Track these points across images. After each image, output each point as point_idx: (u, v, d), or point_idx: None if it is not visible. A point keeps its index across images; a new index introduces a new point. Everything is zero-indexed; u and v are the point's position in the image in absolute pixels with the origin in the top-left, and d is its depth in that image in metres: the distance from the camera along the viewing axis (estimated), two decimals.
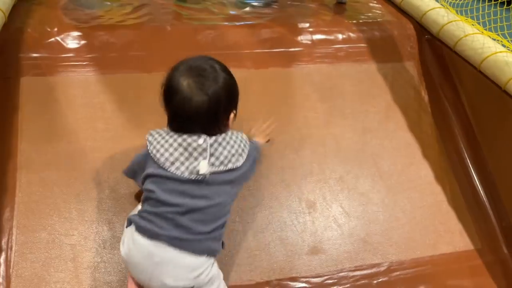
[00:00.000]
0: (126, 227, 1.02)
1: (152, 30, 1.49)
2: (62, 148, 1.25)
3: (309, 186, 1.33)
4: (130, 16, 1.55)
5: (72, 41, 1.40)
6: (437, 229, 1.33)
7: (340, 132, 1.44)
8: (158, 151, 0.98)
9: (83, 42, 1.41)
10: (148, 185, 0.99)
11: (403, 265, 1.25)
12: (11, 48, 1.35)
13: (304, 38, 1.61)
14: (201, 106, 0.96)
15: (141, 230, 0.96)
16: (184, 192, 0.96)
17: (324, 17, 1.72)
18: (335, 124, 1.45)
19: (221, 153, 0.99)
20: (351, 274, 1.22)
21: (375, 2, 1.85)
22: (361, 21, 1.70)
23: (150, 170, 0.99)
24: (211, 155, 0.97)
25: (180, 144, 0.97)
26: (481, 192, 1.43)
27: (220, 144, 0.99)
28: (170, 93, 0.98)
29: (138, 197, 1.19)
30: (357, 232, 1.28)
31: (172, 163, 0.96)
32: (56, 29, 1.42)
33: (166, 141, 0.98)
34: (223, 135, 1.01)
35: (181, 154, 0.97)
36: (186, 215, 0.95)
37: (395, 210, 1.33)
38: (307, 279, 1.19)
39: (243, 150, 1.03)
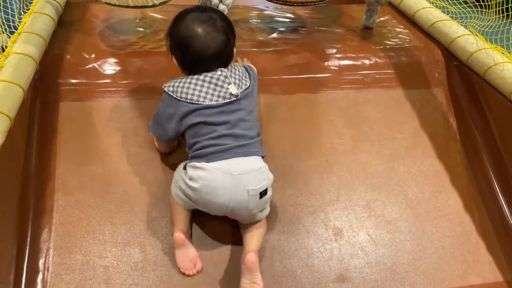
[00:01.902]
0: (184, 168, 1.16)
1: None
2: (97, 171, 1.30)
3: (335, 213, 1.33)
4: (163, 43, 1.59)
5: (108, 67, 1.47)
6: (466, 259, 1.31)
7: (367, 159, 1.44)
8: (187, 93, 1.15)
9: (118, 68, 1.47)
10: (191, 120, 1.14)
11: None
12: (51, 74, 1.42)
13: (331, 64, 1.63)
14: (222, 45, 1.16)
15: (212, 157, 1.11)
16: (224, 111, 1.14)
17: (351, 43, 1.74)
18: (361, 150, 1.46)
19: (235, 78, 1.18)
20: None
21: (402, 27, 1.86)
22: (388, 46, 1.71)
23: (185, 109, 1.14)
24: (233, 81, 1.17)
25: (204, 81, 1.15)
26: (511, 221, 1.40)
27: (231, 71, 1.19)
28: (187, 43, 1.15)
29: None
30: (384, 260, 1.27)
31: (205, 98, 1.14)
32: (93, 56, 1.48)
33: (190, 83, 1.15)
34: (230, 65, 1.21)
35: (209, 87, 1.14)
36: (237, 127, 1.14)
37: (423, 239, 1.32)
38: None
39: (245, 72, 1.24)
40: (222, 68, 1.18)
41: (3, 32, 1.38)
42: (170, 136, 1.22)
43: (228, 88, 1.15)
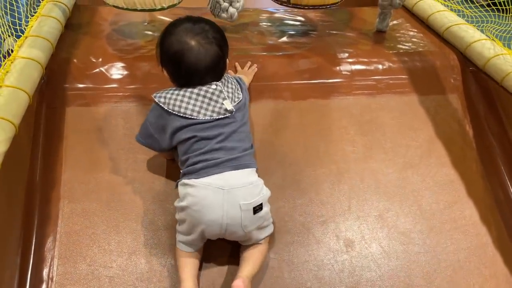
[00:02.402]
0: (176, 187, 1.11)
1: None
2: (103, 178, 1.27)
3: (347, 223, 1.29)
4: None
5: (115, 71, 1.44)
6: (482, 273, 1.26)
7: (380, 167, 1.40)
8: (180, 106, 1.10)
9: (126, 73, 1.45)
10: (183, 135, 1.10)
11: None
12: (57, 79, 1.40)
13: (343, 69, 1.59)
14: (216, 58, 1.12)
15: (202, 173, 1.06)
16: (218, 125, 1.10)
17: (364, 47, 1.70)
18: (374, 158, 1.42)
19: (229, 92, 1.15)
20: None
21: (416, 31, 1.81)
22: (401, 51, 1.67)
23: (177, 123, 1.10)
24: (227, 96, 1.13)
25: (198, 94, 1.11)
26: None
27: (225, 85, 1.15)
28: (180, 56, 1.10)
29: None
30: (397, 273, 1.23)
31: (199, 112, 1.10)
32: (100, 60, 1.46)
33: (183, 96, 1.11)
34: (223, 78, 1.17)
35: (203, 102, 1.10)
36: (229, 139, 1.10)
37: (438, 251, 1.28)
38: None
39: (237, 84, 1.21)
40: (217, 82, 1.14)
41: (10, 36, 1.37)
42: (163, 148, 1.18)
43: (223, 104, 1.12)
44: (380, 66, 1.61)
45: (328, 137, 1.44)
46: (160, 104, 1.12)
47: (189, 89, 1.12)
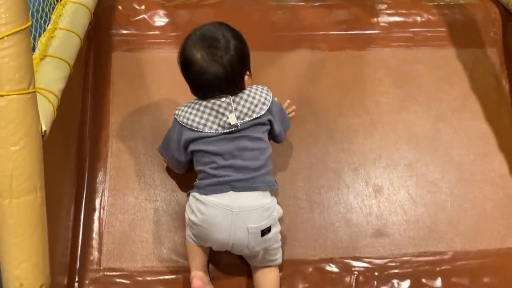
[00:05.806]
0: (188, 195, 1.12)
1: (229, 10, 1.54)
2: (147, 121, 1.36)
3: (377, 171, 1.35)
4: None
5: (158, 19, 1.49)
6: (507, 222, 1.31)
7: (413, 119, 1.43)
8: (188, 119, 1.08)
9: (168, 20, 1.50)
10: (192, 147, 1.09)
11: (468, 255, 1.26)
12: (104, 25, 1.46)
13: (381, 20, 1.58)
14: (217, 76, 1.05)
15: (211, 189, 1.06)
16: (224, 139, 1.07)
17: None
18: (407, 110, 1.44)
19: (243, 106, 1.08)
20: (414, 259, 1.24)
21: None
22: (442, 3, 1.64)
23: (186, 136, 1.09)
24: (235, 109, 1.07)
25: (206, 107, 1.08)
26: None
27: (241, 98, 1.09)
28: (186, 66, 1.09)
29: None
30: (423, 219, 1.29)
31: (204, 125, 1.07)
32: (143, 7, 1.51)
33: (193, 109, 1.09)
34: (243, 91, 1.10)
35: (210, 114, 1.07)
36: (238, 157, 1.07)
37: (464, 200, 1.32)
38: (370, 260, 1.23)
39: (265, 98, 1.11)
40: (229, 95, 1.08)
41: None
42: (180, 161, 1.17)
43: (228, 117, 1.06)
44: (418, 18, 1.59)
45: (363, 88, 1.47)
46: (175, 116, 1.12)
47: (203, 102, 1.09)
